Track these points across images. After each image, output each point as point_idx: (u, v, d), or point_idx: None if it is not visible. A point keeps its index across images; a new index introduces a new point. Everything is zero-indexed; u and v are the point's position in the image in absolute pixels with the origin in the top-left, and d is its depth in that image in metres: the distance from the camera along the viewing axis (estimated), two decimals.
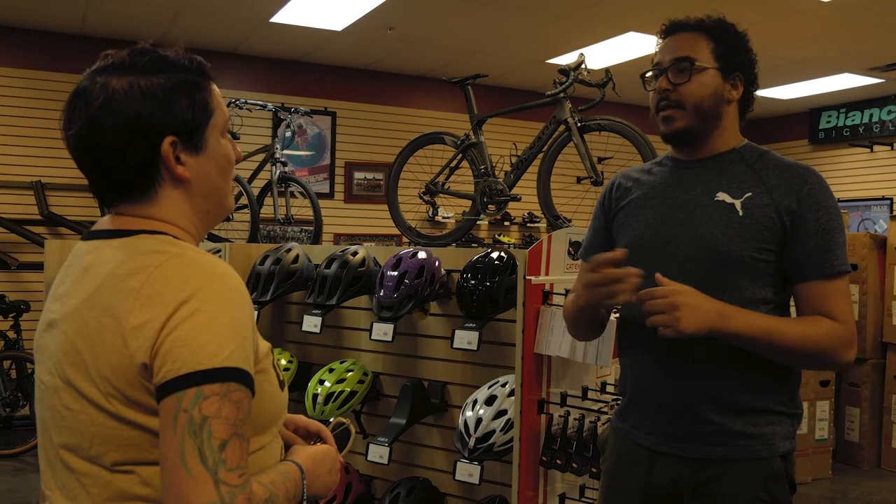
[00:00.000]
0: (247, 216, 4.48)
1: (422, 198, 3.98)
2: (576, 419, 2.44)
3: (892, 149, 8.62)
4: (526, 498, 2.44)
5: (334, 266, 2.87)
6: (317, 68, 7.70)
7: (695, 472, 1.67)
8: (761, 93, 1.98)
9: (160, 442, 0.98)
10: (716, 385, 1.66)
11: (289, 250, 3.06)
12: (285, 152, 5.31)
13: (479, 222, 4.01)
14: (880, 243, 5.57)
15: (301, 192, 4.74)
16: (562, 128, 3.43)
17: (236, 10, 6.06)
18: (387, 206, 4.08)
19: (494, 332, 2.69)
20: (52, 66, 6.55)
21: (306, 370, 3.18)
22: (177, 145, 1.11)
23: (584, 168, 3.36)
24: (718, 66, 1.70)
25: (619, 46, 6.71)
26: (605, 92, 3.34)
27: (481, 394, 2.54)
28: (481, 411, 2.47)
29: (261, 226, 4.66)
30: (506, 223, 8.39)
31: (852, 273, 5.47)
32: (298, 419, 1.36)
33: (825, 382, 5.26)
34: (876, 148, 8.75)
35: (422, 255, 2.74)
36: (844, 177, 9.01)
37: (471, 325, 2.53)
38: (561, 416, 2.46)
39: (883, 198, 8.65)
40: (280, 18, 6.20)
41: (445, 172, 3.90)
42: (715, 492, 1.65)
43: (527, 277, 2.46)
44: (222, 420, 0.97)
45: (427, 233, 4.93)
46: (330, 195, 7.74)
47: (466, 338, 2.51)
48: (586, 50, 6.51)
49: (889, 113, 8.53)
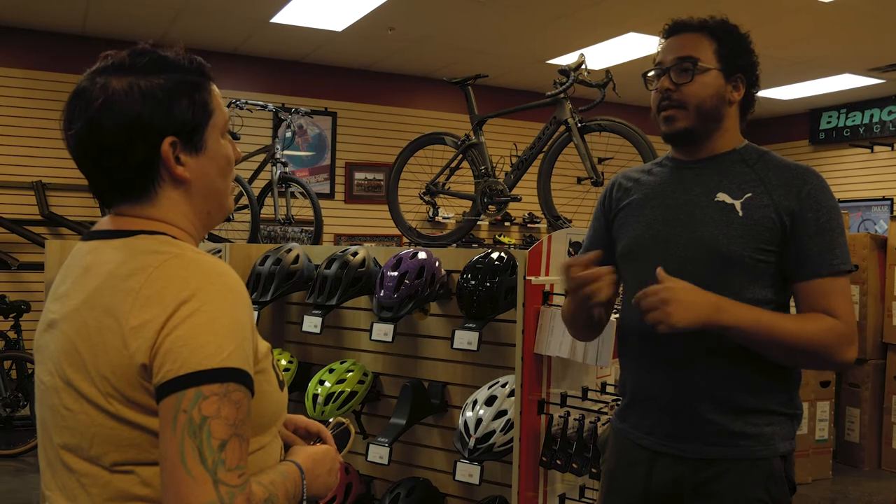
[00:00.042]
0: (247, 216, 4.48)
1: (422, 198, 3.98)
2: (576, 419, 2.44)
3: (893, 149, 8.61)
4: (526, 498, 2.44)
5: (334, 266, 2.88)
6: (317, 69, 7.70)
7: (695, 472, 1.67)
8: (762, 93, 1.99)
9: (160, 442, 0.98)
10: (716, 385, 1.65)
11: (289, 250, 3.06)
12: (286, 153, 5.31)
13: (479, 223, 4.01)
14: (881, 244, 5.57)
15: (301, 193, 4.74)
16: (562, 128, 3.43)
17: (237, 11, 6.06)
18: (387, 207, 4.08)
19: (494, 332, 2.69)
20: (53, 67, 6.55)
21: (306, 370, 3.18)
22: (176, 146, 1.11)
23: (585, 168, 3.36)
24: (721, 67, 1.70)
25: (620, 47, 6.71)
26: (606, 92, 3.34)
27: (481, 394, 2.54)
28: (481, 412, 2.47)
29: (261, 226, 4.66)
30: (506, 224, 8.39)
31: (853, 274, 5.48)
32: (298, 419, 1.36)
33: (825, 383, 5.25)
34: (876, 148, 8.75)
35: (422, 255, 2.74)
36: (845, 177, 9.01)
37: (471, 325, 2.53)
38: (561, 416, 2.47)
39: (883, 198, 8.64)
40: (280, 19, 6.21)
41: (446, 173, 3.89)
42: (715, 492, 1.65)
43: (527, 278, 2.46)
44: (222, 420, 0.97)
45: (427, 233, 4.93)
46: (330, 195, 7.74)
47: (466, 338, 2.51)
48: (587, 50, 6.51)
49: (889, 113, 8.53)
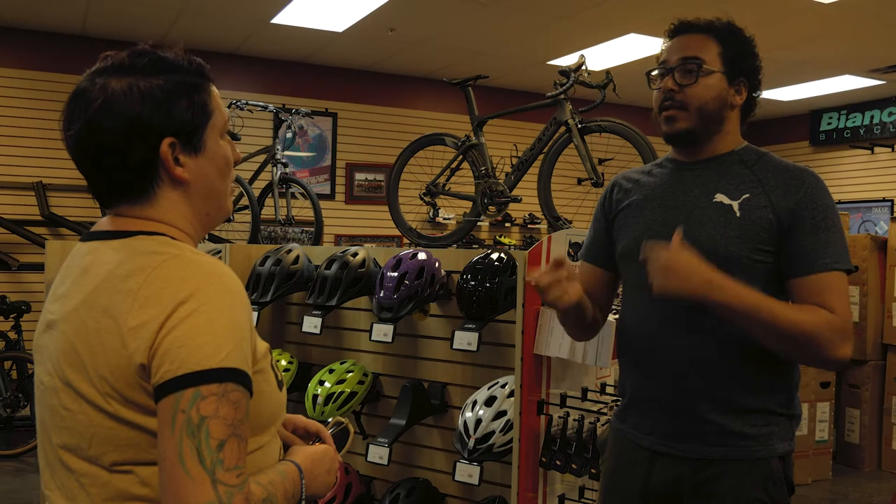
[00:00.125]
0: (247, 217, 4.49)
1: (422, 199, 3.98)
2: (575, 420, 2.44)
3: (893, 150, 8.61)
4: (525, 499, 2.45)
5: (334, 267, 2.88)
6: (318, 69, 7.71)
7: (694, 472, 1.67)
8: (762, 94, 1.99)
9: (158, 442, 0.98)
10: (715, 385, 1.66)
11: (289, 251, 3.06)
12: (286, 153, 5.30)
13: (479, 223, 4.01)
14: (881, 245, 5.57)
15: (302, 193, 4.74)
16: (562, 129, 3.43)
17: (237, 12, 6.07)
18: (387, 208, 4.08)
19: (494, 333, 2.69)
20: (53, 67, 6.56)
21: (306, 371, 3.18)
22: (175, 146, 1.11)
23: (585, 169, 3.36)
24: (724, 70, 1.71)
25: (620, 48, 6.71)
26: (606, 93, 3.34)
27: (481, 395, 2.54)
28: (481, 412, 2.47)
29: (261, 227, 4.66)
30: (507, 224, 8.39)
31: (853, 275, 5.48)
32: (297, 419, 1.36)
33: (825, 384, 5.25)
34: (876, 149, 8.75)
35: (422, 256, 2.74)
36: (845, 178, 9.01)
37: (470, 326, 2.53)
38: (560, 416, 2.47)
39: (884, 199, 8.64)
40: (281, 20, 6.21)
41: (446, 174, 3.89)
42: (714, 492, 1.65)
43: (526, 278, 2.46)
44: (220, 420, 0.98)
45: (428, 234, 4.93)
46: (331, 196, 7.75)
47: (466, 339, 2.51)
48: (587, 51, 6.51)
49: (890, 115, 8.53)
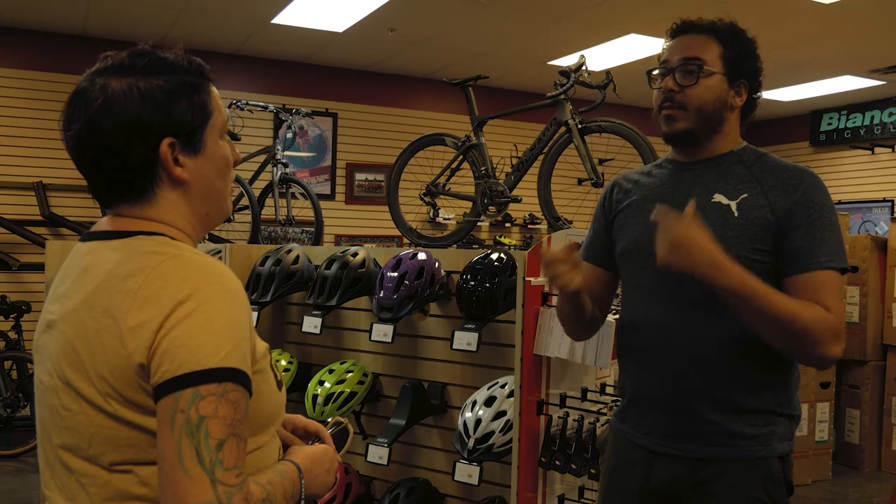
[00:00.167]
0: (248, 217, 4.49)
1: (422, 199, 3.98)
2: (575, 420, 2.44)
3: (893, 151, 8.61)
4: (525, 499, 2.45)
5: (334, 267, 2.88)
6: (318, 69, 7.71)
7: (693, 471, 1.67)
8: (762, 95, 1.99)
9: (158, 442, 0.98)
10: (715, 385, 1.66)
11: (289, 251, 3.06)
12: (286, 153, 5.31)
13: (479, 224, 4.01)
14: (881, 245, 5.57)
15: (302, 194, 4.74)
16: (562, 129, 3.43)
17: (238, 12, 6.07)
18: (388, 208, 4.08)
19: (494, 333, 2.69)
20: (54, 67, 6.56)
21: (306, 371, 3.18)
22: (175, 147, 1.11)
23: (585, 170, 3.36)
24: (725, 71, 1.70)
25: (621, 48, 6.71)
26: (606, 93, 3.34)
27: (481, 395, 2.54)
28: (480, 412, 2.48)
29: (262, 227, 4.66)
30: (507, 224, 8.39)
31: (853, 275, 5.48)
32: (297, 419, 1.36)
33: (825, 384, 5.25)
34: (877, 150, 8.75)
35: (421, 256, 2.74)
36: (845, 179, 9.01)
37: (470, 326, 2.53)
38: (560, 417, 2.47)
39: (884, 200, 8.64)
40: (281, 20, 6.21)
41: (446, 174, 3.89)
42: (713, 492, 1.66)
43: (526, 279, 2.46)
44: (219, 420, 0.98)
45: (428, 234, 4.93)
46: (331, 196, 7.75)
47: (466, 339, 2.51)
48: (587, 51, 6.51)
49: (890, 115, 8.53)
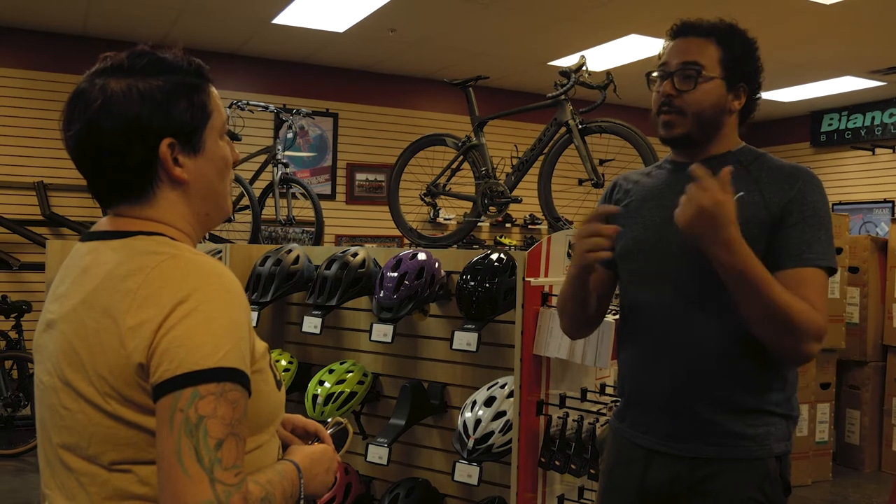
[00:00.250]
0: (248, 217, 4.49)
1: (423, 199, 3.99)
2: (574, 420, 2.44)
3: (894, 151, 8.61)
4: (525, 499, 2.45)
5: (334, 267, 2.88)
6: (318, 70, 7.71)
7: (691, 471, 1.68)
8: (763, 95, 1.98)
9: (157, 441, 0.99)
10: (714, 385, 1.66)
11: (289, 251, 3.06)
12: (287, 153, 5.31)
13: (480, 224, 4.01)
14: (881, 246, 5.57)
15: (302, 194, 4.74)
16: (563, 130, 3.44)
17: (238, 12, 6.07)
18: (388, 208, 4.09)
19: (494, 333, 2.69)
20: (54, 67, 6.56)
21: (306, 371, 3.18)
22: (175, 147, 1.12)
23: (585, 170, 3.36)
24: (724, 75, 1.69)
25: (621, 49, 6.72)
26: (607, 94, 3.34)
27: (480, 395, 2.54)
28: (480, 412, 2.48)
29: (262, 227, 4.67)
30: (507, 225, 8.39)
31: (853, 275, 5.48)
32: (296, 419, 1.37)
33: (825, 385, 5.25)
34: (877, 151, 8.75)
35: (421, 256, 2.74)
36: (846, 179, 9.01)
37: (470, 326, 2.53)
38: (560, 417, 2.47)
39: (884, 201, 8.64)
40: (282, 20, 6.22)
41: (447, 174, 3.90)
42: (710, 491, 1.66)
43: (526, 279, 2.47)
44: (218, 420, 0.98)
45: (428, 234, 4.94)
46: (331, 196, 7.75)
47: (466, 339, 2.51)
48: (588, 52, 6.51)
49: (891, 116, 8.52)
